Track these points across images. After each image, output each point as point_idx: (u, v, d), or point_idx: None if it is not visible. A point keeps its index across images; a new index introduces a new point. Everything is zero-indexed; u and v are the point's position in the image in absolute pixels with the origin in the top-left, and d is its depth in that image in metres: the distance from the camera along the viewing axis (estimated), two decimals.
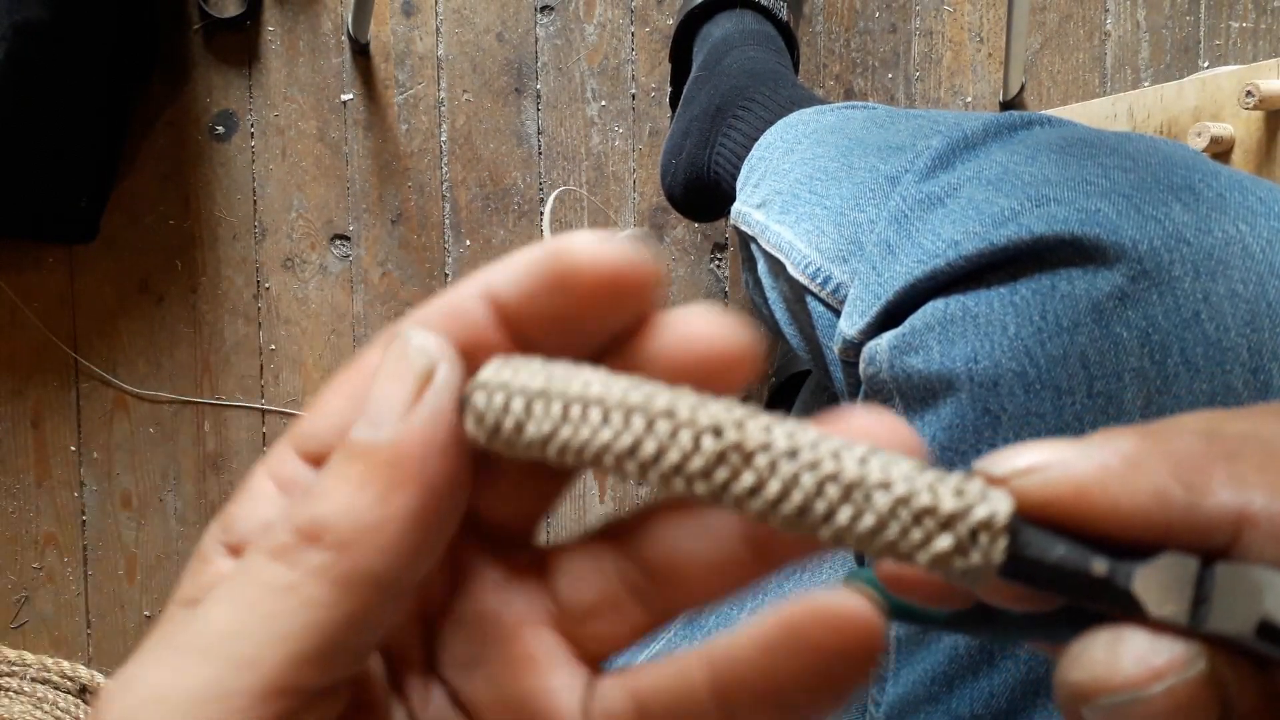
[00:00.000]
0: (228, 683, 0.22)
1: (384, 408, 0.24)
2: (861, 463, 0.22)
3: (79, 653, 1.28)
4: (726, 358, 0.24)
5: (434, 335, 0.24)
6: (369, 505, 0.23)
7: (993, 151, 0.54)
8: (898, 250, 0.52)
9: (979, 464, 0.23)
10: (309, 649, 0.22)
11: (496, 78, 1.29)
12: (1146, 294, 0.43)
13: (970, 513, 0.21)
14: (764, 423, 0.22)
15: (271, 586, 0.23)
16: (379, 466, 0.23)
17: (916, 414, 0.50)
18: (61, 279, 1.27)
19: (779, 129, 0.83)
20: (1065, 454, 0.22)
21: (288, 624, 0.22)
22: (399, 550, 0.23)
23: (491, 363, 0.24)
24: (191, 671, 0.22)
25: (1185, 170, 0.46)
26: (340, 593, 0.23)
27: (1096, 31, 1.31)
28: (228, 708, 0.22)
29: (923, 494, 0.21)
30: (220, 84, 1.28)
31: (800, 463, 0.22)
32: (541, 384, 0.23)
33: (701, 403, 0.22)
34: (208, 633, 0.23)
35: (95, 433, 1.28)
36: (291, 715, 0.23)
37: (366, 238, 1.29)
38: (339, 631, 0.23)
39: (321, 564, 0.23)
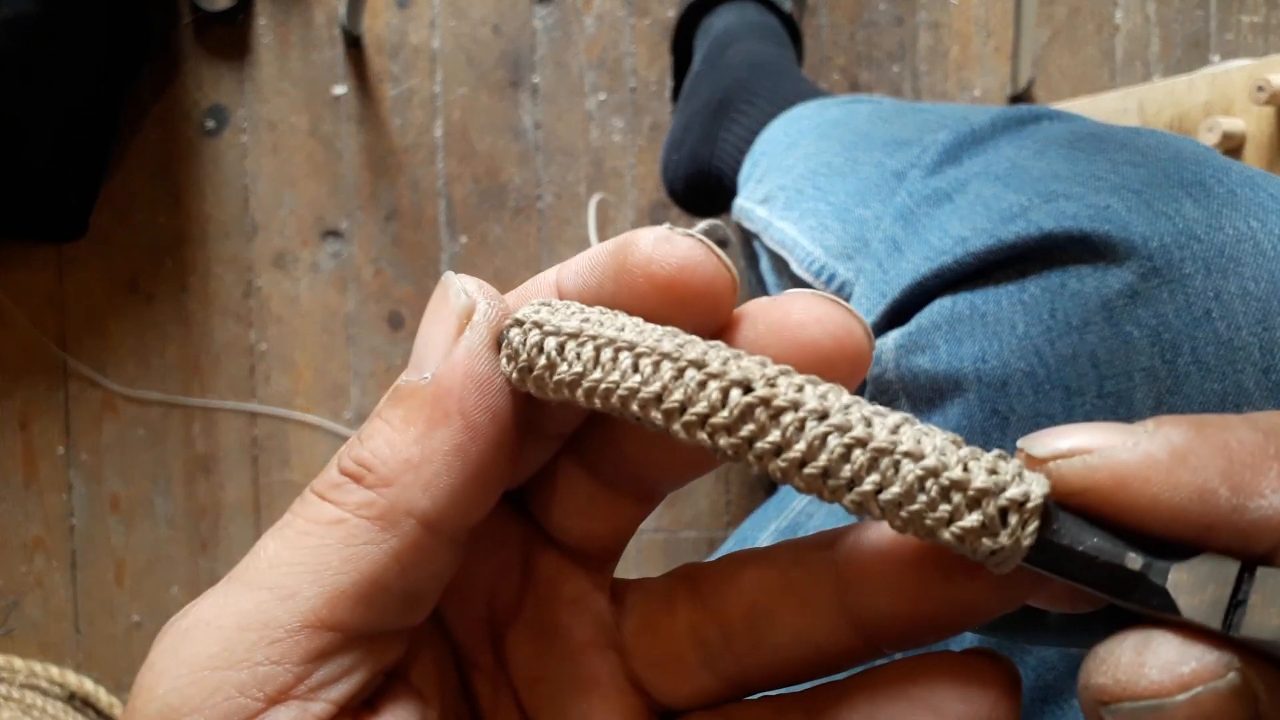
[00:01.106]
0: (268, 612, 0.23)
1: (427, 350, 0.24)
2: (893, 430, 0.21)
3: (68, 658, 1.27)
4: (827, 349, 0.23)
5: (472, 278, 0.25)
6: (411, 442, 0.23)
7: (1001, 146, 0.54)
8: (904, 247, 0.53)
9: (1021, 441, 0.22)
10: (349, 585, 0.23)
11: (493, 71, 1.28)
12: (1157, 292, 0.42)
13: (1002, 491, 0.21)
14: (797, 381, 0.22)
15: (317, 522, 0.23)
16: (421, 405, 0.24)
17: (923, 414, 0.50)
18: (50, 277, 1.27)
19: (782, 123, 0.83)
20: (1112, 439, 0.21)
21: (329, 558, 0.23)
22: (442, 487, 0.23)
23: (531, 302, 0.24)
24: (237, 599, 0.23)
25: (1196, 166, 0.46)
26: (383, 530, 0.23)
27: (1106, 25, 1.31)
28: (266, 636, 0.23)
29: (954, 467, 0.21)
30: (211, 78, 1.28)
31: (829, 425, 0.21)
32: (576, 325, 0.23)
33: (735, 356, 0.22)
34: (256, 564, 0.24)
35: (84, 435, 1.27)
36: (328, 653, 0.23)
37: (359, 235, 1.28)
38: (380, 570, 0.23)
39: (365, 500, 0.23)
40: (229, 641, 0.23)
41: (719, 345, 0.22)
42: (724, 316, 0.24)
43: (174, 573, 1.27)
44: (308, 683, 0.23)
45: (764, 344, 0.23)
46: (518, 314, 0.24)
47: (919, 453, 0.21)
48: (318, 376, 1.27)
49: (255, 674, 0.22)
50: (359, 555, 0.23)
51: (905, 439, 0.21)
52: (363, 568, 0.23)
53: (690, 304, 0.23)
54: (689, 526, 1.26)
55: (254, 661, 0.22)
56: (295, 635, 0.23)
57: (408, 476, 0.23)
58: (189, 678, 0.22)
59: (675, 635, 0.26)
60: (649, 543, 1.26)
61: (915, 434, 0.21)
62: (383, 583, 0.23)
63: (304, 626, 0.23)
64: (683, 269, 0.23)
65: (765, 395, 0.21)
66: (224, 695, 0.22)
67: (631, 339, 0.22)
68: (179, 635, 0.23)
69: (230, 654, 0.22)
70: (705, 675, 0.26)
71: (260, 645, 0.23)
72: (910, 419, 0.21)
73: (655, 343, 0.22)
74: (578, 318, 0.23)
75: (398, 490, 0.23)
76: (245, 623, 0.23)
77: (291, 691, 0.23)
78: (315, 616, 0.23)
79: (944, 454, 0.21)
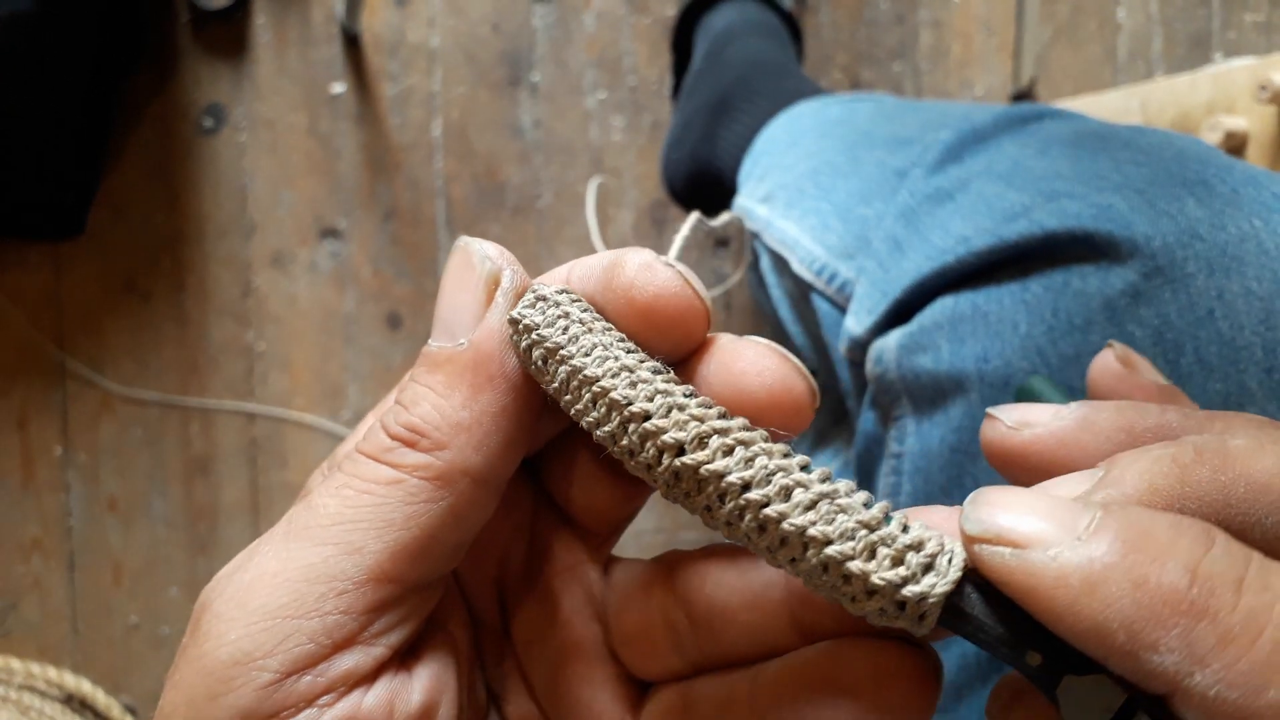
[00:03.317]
0: (335, 565, 0.25)
1: (458, 316, 0.26)
2: (809, 507, 0.22)
3: (65, 659, 1.27)
4: (763, 401, 0.26)
5: (491, 243, 0.27)
6: (459, 407, 0.25)
7: (1003, 145, 0.54)
8: (906, 246, 0.53)
9: (968, 501, 0.23)
10: (410, 540, 0.25)
11: (492, 69, 1.28)
12: (1160, 291, 0.43)
13: (901, 587, 0.22)
14: (729, 442, 0.23)
15: (376, 481, 0.25)
16: (462, 371, 0.26)
17: (925, 415, 0.50)
18: (47, 277, 1.26)
19: (783, 121, 0.83)
20: (1045, 534, 0.21)
21: (392, 515, 0.25)
22: (493, 446, 0.26)
23: (535, 288, 0.26)
24: (303, 553, 0.25)
25: (1199, 165, 0.46)
26: (440, 489, 0.25)
27: (1109, 23, 1.31)
28: (332, 588, 0.24)
29: (859, 557, 0.22)
30: (209, 77, 1.27)
31: (746, 499, 0.23)
32: (558, 340, 0.25)
33: (679, 408, 0.24)
34: (320, 520, 0.25)
35: (81, 435, 1.27)
36: (389, 604, 0.25)
37: (357, 234, 1.27)
38: (438, 525, 0.25)
39: (422, 463, 0.25)
40: (298, 593, 0.24)
41: (670, 391, 0.24)
42: (695, 342, 0.27)
43: (172, 573, 1.26)
44: (370, 630, 0.25)
45: (713, 381, 0.26)
46: (517, 308, 0.26)
47: (824, 538, 0.22)
48: (316, 376, 1.26)
49: (324, 623, 0.24)
50: (420, 513, 0.25)
51: (817, 520, 0.22)
52: (423, 524, 0.25)
53: (664, 330, 0.26)
54: (688, 528, 1.26)
55: (323, 611, 0.24)
56: (361, 587, 0.25)
57: (460, 439, 0.25)
58: (261, 625, 0.24)
59: (649, 616, 0.28)
60: (650, 544, 1.26)
61: (829, 513, 0.22)
62: (439, 537, 0.25)
63: (369, 580, 0.25)
64: (659, 298, 0.26)
65: (691, 463, 0.23)
66: (295, 642, 0.24)
67: (593, 374, 0.24)
68: (244, 587, 0.25)
69: (300, 604, 0.24)
70: (672, 656, 0.28)
71: (329, 596, 0.24)
72: (836, 491, 0.23)
73: (611, 382, 0.24)
74: (562, 326, 0.25)
75: (453, 453, 0.25)
76: (313, 575, 0.24)
77: (356, 639, 0.25)
78: (380, 570, 0.25)
79: (852, 540, 0.22)
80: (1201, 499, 0.22)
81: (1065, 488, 0.23)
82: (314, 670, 0.24)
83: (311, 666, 0.24)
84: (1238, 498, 0.22)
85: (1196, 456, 0.22)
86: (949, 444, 0.48)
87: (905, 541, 0.22)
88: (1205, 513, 0.22)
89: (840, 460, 0.79)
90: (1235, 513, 0.22)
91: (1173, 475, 0.22)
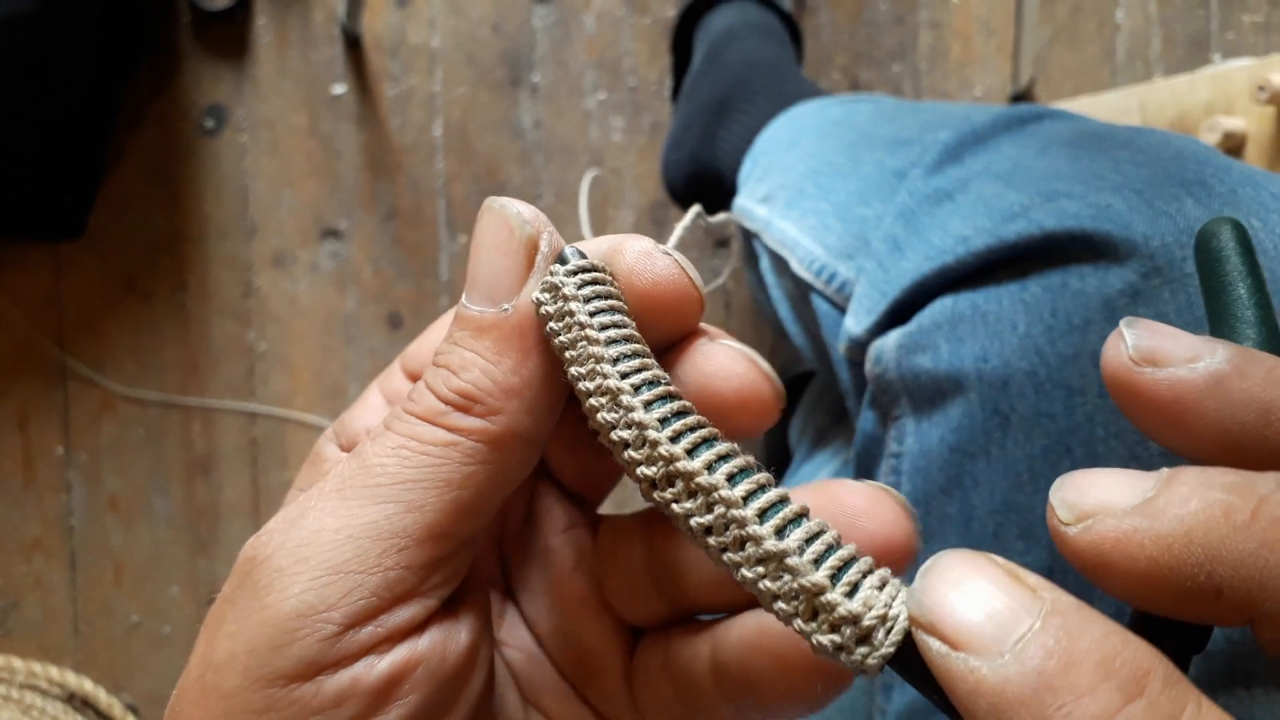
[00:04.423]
0: (396, 522, 0.25)
1: (499, 280, 0.27)
2: (756, 563, 0.23)
3: (67, 658, 1.27)
4: (729, 403, 0.27)
5: (525, 205, 0.27)
6: (510, 372, 0.26)
7: (1002, 145, 0.54)
8: (905, 246, 0.53)
9: (921, 575, 0.22)
10: (467, 499, 0.26)
11: (492, 70, 1.28)
12: (1158, 291, 0.42)
13: (835, 654, 0.23)
14: (727, 469, 0.24)
15: (435, 443, 0.26)
16: (510, 337, 0.26)
17: (925, 415, 0.50)
18: (48, 277, 1.26)
19: (782, 122, 0.83)
20: (981, 636, 0.20)
21: (451, 474, 0.26)
22: (539, 409, 0.27)
23: (556, 269, 0.26)
24: (364, 511, 0.25)
25: (1197, 165, 0.46)
26: (495, 451, 0.26)
27: (1107, 23, 1.30)
28: (392, 545, 0.25)
29: (795, 619, 0.23)
30: (210, 77, 1.27)
31: (707, 543, 0.24)
32: (572, 336, 0.26)
33: (677, 415, 0.25)
34: (379, 479, 0.26)
35: (82, 435, 1.27)
36: (442, 561, 0.26)
37: (358, 234, 1.27)
38: (490, 485, 0.26)
39: (477, 426, 0.26)
40: (361, 549, 0.25)
41: (645, 423, 0.25)
42: (687, 329, 0.28)
43: (173, 573, 1.26)
44: (427, 584, 0.26)
45: (685, 381, 0.28)
46: (539, 290, 0.26)
47: (770, 593, 0.23)
48: (317, 376, 1.26)
49: (386, 577, 0.25)
50: (476, 473, 0.26)
51: (765, 575, 0.23)
52: (479, 484, 0.26)
53: (658, 316, 0.27)
54: None
55: (385, 566, 0.25)
56: (422, 544, 0.25)
57: (513, 404, 0.26)
58: (326, 579, 0.25)
59: (633, 568, 0.30)
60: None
61: (775, 571, 0.23)
62: (491, 495, 0.26)
63: (429, 536, 0.26)
64: (656, 285, 0.27)
65: (658, 500, 0.24)
66: (358, 595, 0.25)
67: (584, 388, 0.25)
68: (304, 542, 0.25)
69: (363, 560, 0.25)
70: (658, 602, 0.30)
71: (391, 552, 0.25)
72: (785, 551, 0.23)
73: (618, 384, 0.25)
74: (577, 332, 0.26)
75: (506, 417, 0.26)
76: (376, 532, 0.25)
77: (415, 592, 0.26)
78: (439, 527, 0.26)
79: (796, 600, 0.23)
80: (1236, 570, 0.20)
81: (1113, 491, 0.22)
82: (375, 622, 0.25)
83: (372, 618, 0.25)
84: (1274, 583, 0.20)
85: (1250, 519, 0.20)
86: (948, 444, 0.48)
87: (842, 612, 0.22)
88: (1236, 584, 0.20)
89: (840, 460, 0.79)
90: (1267, 597, 0.20)
91: (1215, 532, 0.20)
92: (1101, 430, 0.43)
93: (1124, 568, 0.21)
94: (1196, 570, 0.20)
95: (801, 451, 0.89)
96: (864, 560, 0.23)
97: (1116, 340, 0.24)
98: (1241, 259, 0.26)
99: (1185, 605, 0.21)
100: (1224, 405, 0.22)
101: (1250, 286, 0.25)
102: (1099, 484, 0.22)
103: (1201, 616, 0.21)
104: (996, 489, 0.46)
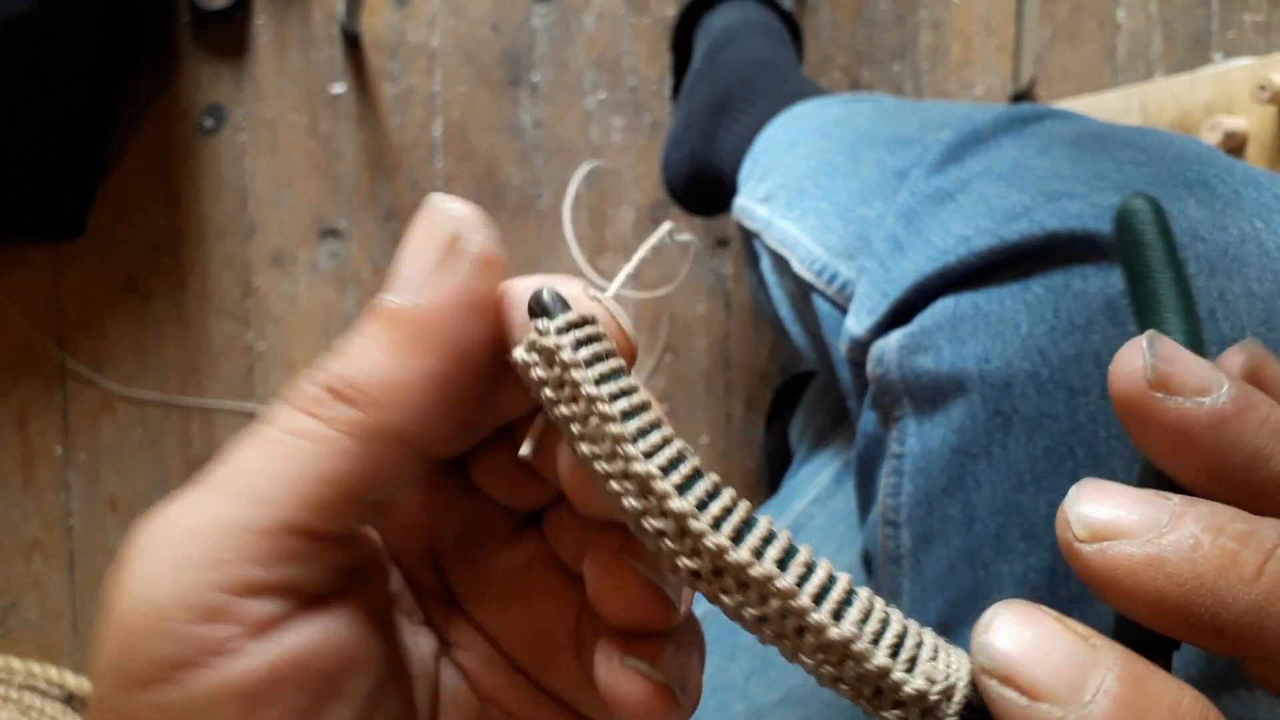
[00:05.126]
0: (241, 515, 0.24)
1: (413, 274, 0.26)
2: (816, 650, 0.23)
3: (66, 659, 1.27)
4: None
5: (461, 202, 0.27)
6: (396, 367, 0.25)
7: (1004, 145, 0.54)
8: (907, 246, 0.53)
9: (983, 627, 0.23)
10: (323, 493, 0.25)
11: (492, 69, 1.28)
12: None
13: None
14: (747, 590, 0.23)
15: (296, 434, 0.25)
16: (405, 331, 0.25)
17: (926, 415, 0.50)
18: (47, 277, 1.26)
19: (783, 121, 0.83)
20: (1055, 689, 0.21)
21: (305, 467, 0.25)
22: (421, 409, 0.25)
23: (541, 338, 0.25)
24: (210, 504, 0.25)
25: (1199, 165, 0.46)
26: (362, 445, 0.25)
27: (1108, 23, 1.30)
28: (238, 538, 0.24)
29: (860, 700, 0.23)
30: (209, 77, 1.27)
31: (788, 608, 0.23)
32: (584, 424, 0.24)
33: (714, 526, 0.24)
34: (231, 471, 0.25)
35: (81, 435, 1.27)
36: (297, 556, 0.25)
37: (358, 234, 1.27)
38: (354, 482, 0.25)
39: (351, 418, 0.25)
40: (209, 543, 0.24)
41: (696, 477, 0.24)
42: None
43: None
44: (280, 580, 0.25)
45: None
46: (525, 350, 0.25)
47: (832, 676, 0.23)
48: None
49: (233, 572, 0.24)
50: (336, 468, 0.25)
51: (825, 661, 0.23)
52: (339, 479, 0.25)
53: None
54: None
55: (232, 561, 0.24)
56: (272, 538, 0.24)
57: (394, 399, 0.25)
58: (171, 576, 0.24)
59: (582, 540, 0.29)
60: None
61: (838, 659, 0.23)
62: (355, 493, 0.25)
63: (280, 530, 0.24)
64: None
65: (735, 562, 0.23)
66: (205, 592, 0.24)
67: (632, 468, 0.24)
68: (156, 539, 0.25)
69: (210, 554, 0.24)
70: None
71: (239, 546, 0.24)
72: (855, 639, 0.23)
73: (646, 469, 0.23)
74: (586, 397, 0.24)
75: (384, 412, 0.25)
76: (225, 525, 0.24)
77: (265, 587, 0.25)
78: (288, 522, 0.25)
79: (860, 683, 0.23)
80: (1239, 617, 0.22)
81: (1127, 516, 0.23)
82: (225, 618, 0.24)
83: (222, 614, 0.24)
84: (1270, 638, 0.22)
85: (1257, 574, 0.22)
86: (950, 445, 0.48)
87: (909, 692, 0.23)
88: (1237, 629, 0.22)
89: (841, 461, 0.79)
90: (1264, 643, 0.22)
91: (1224, 580, 0.22)
92: (1104, 431, 0.42)
93: (1134, 594, 0.22)
94: (1202, 610, 0.21)
95: (802, 452, 0.89)
96: (912, 628, 0.24)
97: (1134, 354, 0.24)
98: (1162, 242, 0.26)
99: (1185, 634, 0.22)
100: (1218, 444, 0.23)
101: (1173, 276, 0.26)
102: (1116, 503, 0.23)
103: (1196, 644, 0.22)
104: (999, 490, 0.46)
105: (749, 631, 0.24)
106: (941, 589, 0.48)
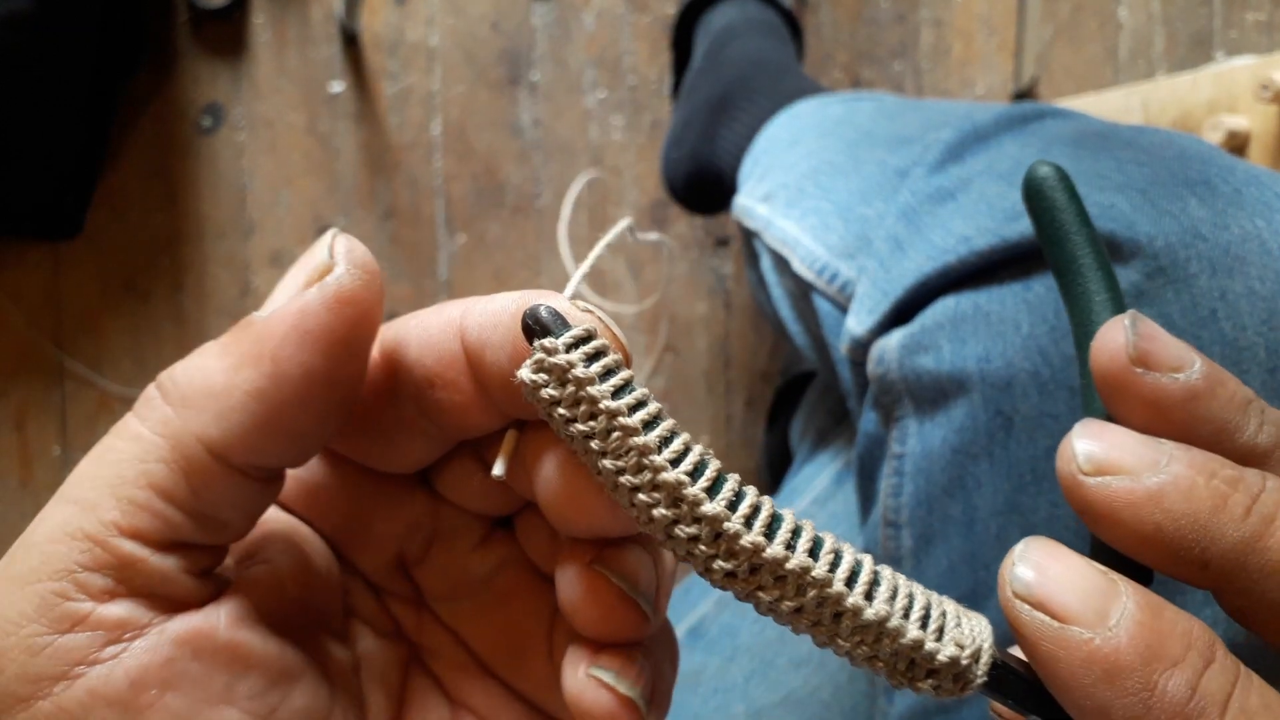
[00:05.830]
0: (73, 523, 0.24)
1: (276, 294, 0.26)
2: (853, 632, 0.24)
3: None
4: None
5: (351, 241, 0.26)
6: (218, 372, 0.25)
7: (1005, 144, 0.54)
8: (907, 246, 0.53)
9: (1017, 558, 0.25)
10: (142, 498, 0.24)
11: (491, 68, 1.27)
12: (1162, 291, 0.42)
13: (936, 690, 0.24)
14: (785, 583, 0.24)
15: (121, 437, 0.25)
16: (243, 341, 0.25)
17: (927, 415, 0.50)
18: (46, 276, 1.26)
19: (783, 120, 0.83)
20: (1085, 615, 0.23)
21: (124, 472, 0.25)
22: (235, 422, 0.25)
23: (550, 357, 0.24)
24: (49, 514, 0.25)
25: (1201, 164, 0.46)
26: (172, 449, 0.25)
27: (1110, 22, 1.30)
28: (72, 546, 0.24)
29: (894, 676, 0.24)
30: (208, 76, 1.27)
31: (825, 595, 0.23)
32: (605, 439, 0.24)
33: (746, 524, 0.24)
34: (71, 480, 0.25)
35: (80, 435, 1.27)
36: (139, 561, 0.25)
37: (356, 233, 1.26)
38: (169, 487, 0.25)
39: (163, 418, 0.25)
40: (45, 555, 0.24)
41: (722, 479, 0.24)
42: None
43: None
44: (131, 585, 0.25)
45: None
46: (532, 370, 0.24)
47: (868, 655, 0.24)
48: None
49: (75, 581, 0.24)
50: (151, 471, 0.25)
51: (862, 643, 0.24)
52: (155, 483, 0.25)
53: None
54: None
55: (70, 570, 0.24)
56: (104, 544, 0.24)
57: (205, 404, 0.25)
58: (16, 592, 0.24)
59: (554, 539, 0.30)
60: None
61: (875, 639, 0.24)
62: (174, 500, 0.25)
63: (110, 536, 0.24)
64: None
65: (772, 558, 0.23)
66: (51, 604, 0.24)
67: (661, 478, 0.23)
68: (9, 556, 0.25)
69: (49, 566, 0.24)
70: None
71: (73, 555, 0.24)
72: (886, 618, 0.24)
73: (675, 477, 0.23)
74: (605, 412, 0.24)
75: (192, 414, 0.25)
76: (56, 535, 0.24)
77: (116, 592, 0.24)
78: (117, 527, 0.24)
79: (895, 659, 0.24)
80: (1225, 553, 0.24)
81: (1129, 454, 0.24)
82: (81, 626, 0.24)
83: (77, 622, 0.24)
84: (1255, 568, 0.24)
85: (1244, 514, 0.24)
86: (951, 445, 0.48)
87: (942, 659, 0.24)
88: (1222, 563, 0.24)
89: (841, 461, 0.78)
90: (1244, 575, 0.24)
91: (1215, 519, 0.24)
92: None
93: (1131, 527, 0.24)
94: (1194, 544, 0.23)
95: (803, 452, 0.89)
96: (934, 598, 0.25)
97: (1117, 331, 0.26)
98: (1073, 205, 0.27)
99: (1171, 566, 0.24)
100: (1190, 417, 0.25)
101: (1088, 236, 0.27)
102: (1119, 442, 0.25)
103: (1179, 577, 0.24)
104: (999, 490, 0.46)
105: (782, 623, 0.24)
106: (942, 590, 0.48)
